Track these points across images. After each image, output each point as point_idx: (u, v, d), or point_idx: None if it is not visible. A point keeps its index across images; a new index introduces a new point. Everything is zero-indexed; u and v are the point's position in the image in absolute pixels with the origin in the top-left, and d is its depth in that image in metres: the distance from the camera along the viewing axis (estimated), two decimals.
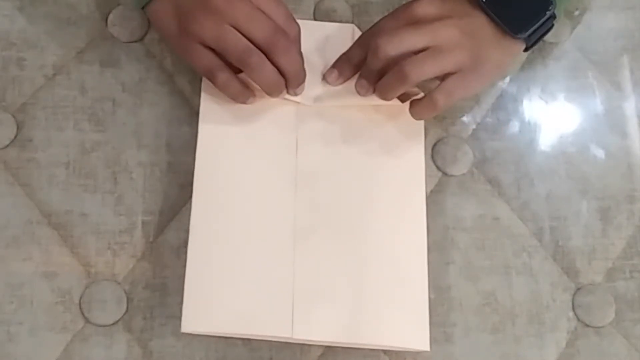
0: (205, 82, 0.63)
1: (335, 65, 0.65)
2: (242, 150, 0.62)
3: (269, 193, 0.61)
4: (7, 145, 0.63)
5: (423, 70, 0.60)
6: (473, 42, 0.61)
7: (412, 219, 0.62)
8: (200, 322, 0.57)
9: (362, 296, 0.59)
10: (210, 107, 0.63)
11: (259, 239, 0.59)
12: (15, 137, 0.63)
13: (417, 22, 0.61)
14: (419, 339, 0.59)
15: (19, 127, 0.63)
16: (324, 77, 0.65)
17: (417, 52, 0.60)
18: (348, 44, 0.66)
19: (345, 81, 0.65)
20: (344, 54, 0.65)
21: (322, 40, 0.66)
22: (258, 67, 0.59)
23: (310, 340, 0.59)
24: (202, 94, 0.63)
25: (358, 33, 0.66)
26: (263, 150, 0.62)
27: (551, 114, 0.71)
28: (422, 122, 0.65)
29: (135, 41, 0.67)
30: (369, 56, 0.62)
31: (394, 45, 0.60)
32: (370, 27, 0.64)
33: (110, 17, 0.67)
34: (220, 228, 0.59)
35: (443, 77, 0.61)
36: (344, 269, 0.60)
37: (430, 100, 0.61)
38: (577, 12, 0.75)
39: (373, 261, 0.60)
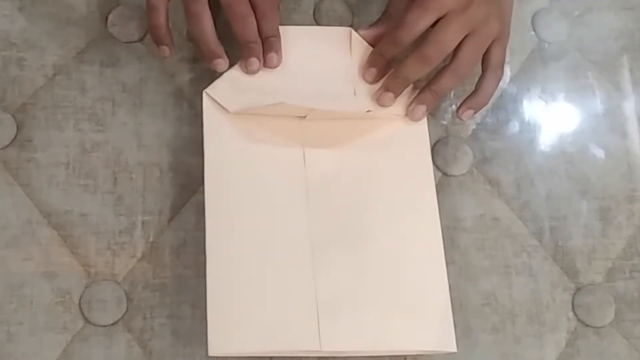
0: (206, 98, 0.62)
1: (371, 63, 0.64)
2: (250, 166, 0.61)
3: (282, 207, 0.60)
4: (7, 145, 0.63)
5: (444, 47, 0.62)
6: None
7: (425, 221, 0.62)
8: (227, 344, 0.56)
9: (384, 303, 0.59)
10: (213, 124, 0.61)
11: (276, 254, 0.59)
12: (15, 137, 0.63)
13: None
14: (445, 340, 0.59)
15: (19, 127, 0.63)
16: (363, 76, 0.65)
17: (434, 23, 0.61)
18: (346, 47, 0.65)
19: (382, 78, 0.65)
20: (376, 51, 0.65)
21: (319, 44, 0.66)
22: None
23: (338, 352, 0.58)
24: (204, 111, 0.62)
25: (355, 36, 0.66)
26: (271, 164, 0.61)
27: (551, 114, 0.71)
28: (425, 124, 0.65)
29: (135, 41, 0.67)
30: (387, 44, 0.63)
31: (406, 33, 0.62)
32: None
33: (110, 17, 0.67)
34: (237, 247, 0.58)
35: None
36: (363, 277, 0.59)
37: (489, 79, 0.64)
38: (577, 12, 0.75)
39: (391, 266, 0.60)
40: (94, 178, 0.63)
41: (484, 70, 0.65)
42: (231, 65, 0.63)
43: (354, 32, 0.66)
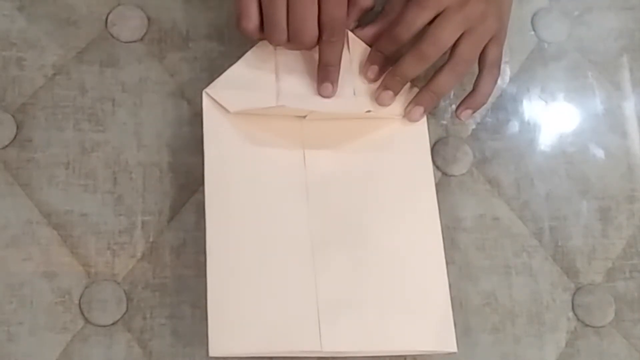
0: (206, 98, 0.62)
1: (372, 61, 0.64)
2: (250, 166, 0.61)
3: (282, 207, 0.60)
4: (7, 145, 0.63)
5: (441, 44, 0.62)
6: None
7: (425, 221, 0.62)
8: (228, 345, 0.56)
9: (384, 303, 0.59)
10: (213, 124, 0.61)
11: (276, 255, 0.59)
12: (15, 137, 0.63)
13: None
14: (445, 340, 0.59)
15: (18, 127, 0.63)
16: (364, 75, 0.64)
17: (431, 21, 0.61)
18: (344, 47, 0.65)
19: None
20: (375, 48, 0.65)
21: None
22: None
23: (339, 352, 0.58)
24: (204, 111, 0.62)
25: (352, 37, 0.66)
26: (271, 164, 0.61)
27: (551, 114, 0.71)
28: (425, 123, 0.65)
29: (135, 41, 0.67)
30: (386, 42, 0.63)
31: (404, 30, 0.62)
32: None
33: (110, 17, 0.67)
34: (237, 247, 0.58)
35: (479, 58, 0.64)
36: (364, 277, 0.59)
37: (486, 78, 0.64)
38: (577, 12, 0.75)
39: (391, 266, 0.60)
40: (94, 178, 0.63)
41: (480, 70, 0.65)
42: (231, 65, 0.63)
43: (350, 33, 0.66)
